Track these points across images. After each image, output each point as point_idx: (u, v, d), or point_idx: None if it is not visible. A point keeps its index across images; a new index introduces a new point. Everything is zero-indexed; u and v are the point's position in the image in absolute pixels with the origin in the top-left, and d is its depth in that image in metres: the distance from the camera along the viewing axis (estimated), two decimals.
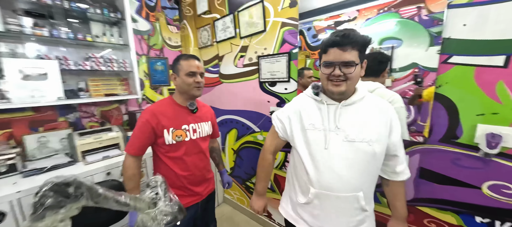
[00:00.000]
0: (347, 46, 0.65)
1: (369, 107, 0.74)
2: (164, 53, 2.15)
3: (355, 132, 0.72)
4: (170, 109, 1.02)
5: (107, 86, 1.66)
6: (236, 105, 1.90)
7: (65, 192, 0.25)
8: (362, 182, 0.74)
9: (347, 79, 0.68)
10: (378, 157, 0.73)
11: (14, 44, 1.32)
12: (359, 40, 0.66)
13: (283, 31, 1.44)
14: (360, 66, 0.69)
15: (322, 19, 1.19)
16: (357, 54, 0.67)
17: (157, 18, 2.07)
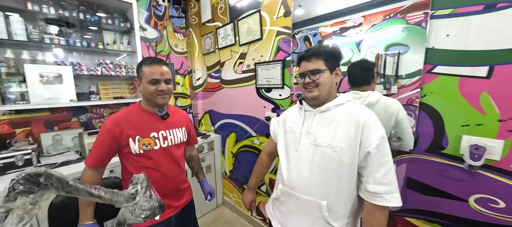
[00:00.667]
0: (311, 58, 0.75)
1: (344, 114, 0.74)
2: (170, 59, 2.28)
3: (323, 137, 0.74)
4: (138, 116, 0.94)
5: (116, 90, 1.79)
6: (235, 110, 1.96)
7: (36, 181, 0.31)
8: (325, 190, 0.73)
9: (318, 85, 0.74)
10: (346, 167, 0.70)
11: (35, 51, 1.48)
12: (322, 51, 0.75)
13: (278, 39, 1.49)
14: (330, 72, 0.75)
15: (327, 25, 1.21)
16: (323, 62, 0.74)
17: (164, 26, 2.20)
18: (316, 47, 0.76)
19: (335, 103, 0.76)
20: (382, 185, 0.66)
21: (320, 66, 0.74)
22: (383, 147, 0.67)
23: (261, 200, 1.83)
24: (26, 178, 0.31)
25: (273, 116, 1.59)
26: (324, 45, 0.79)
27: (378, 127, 0.69)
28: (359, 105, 0.76)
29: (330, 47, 0.77)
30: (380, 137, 0.67)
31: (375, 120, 0.70)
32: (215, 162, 2.17)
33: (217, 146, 2.17)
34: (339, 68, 0.77)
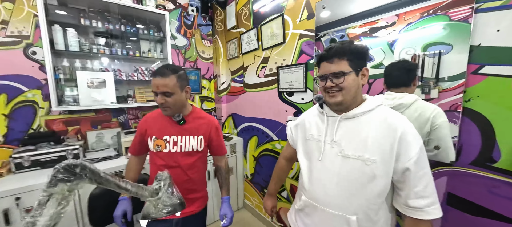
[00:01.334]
0: (333, 58, 0.67)
1: (375, 122, 0.66)
2: (197, 65, 2.41)
3: (352, 147, 0.67)
4: (159, 117, 1.01)
5: (149, 94, 1.96)
6: (257, 113, 1.97)
7: (73, 171, 0.36)
8: (354, 205, 0.67)
9: (341, 89, 0.67)
10: (380, 181, 0.64)
11: (85, 60, 1.71)
12: (346, 49, 0.66)
13: (301, 42, 1.47)
14: (356, 74, 0.67)
15: (356, 26, 1.14)
16: (347, 63, 0.66)
17: (193, 34, 2.35)
18: (339, 45, 0.67)
19: (363, 109, 0.69)
20: (423, 198, 0.61)
21: (344, 68, 0.66)
22: (422, 159, 0.62)
23: (281, 206, 1.79)
24: (65, 168, 0.36)
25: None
26: (348, 42, 0.69)
27: (416, 138, 0.63)
28: (393, 112, 0.68)
29: (355, 45, 0.67)
30: (419, 150, 0.61)
31: (412, 129, 0.64)
32: (237, 165, 2.20)
33: (239, 148, 2.20)
34: (367, 68, 0.69)
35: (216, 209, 2.06)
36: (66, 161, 0.37)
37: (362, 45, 0.69)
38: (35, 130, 1.58)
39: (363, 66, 0.69)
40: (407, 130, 0.63)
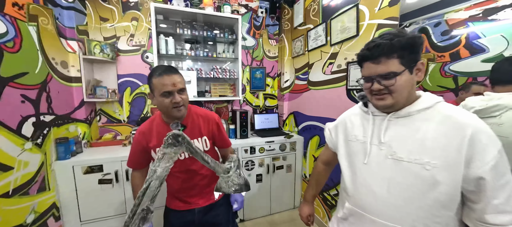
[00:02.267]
0: (380, 58, 0.57)
1: (436, 120, 0.56)
2: (263, 63, 2.54)
3: (406, 149, 0.58)
4: (158, 127, 0.94)
5: (221, 90, 2.23)
6: (320, 112, 1.89)
7: (177, 140, 0.48)
8: (411, 215, 0.57)
9: (392, 92, 0.58)
10: (444, 188, 0.53)
11: (177, 61, 2.13)
12: (395, 45, 0.55)
13: (379, 33, 1.29)
14: (409, 71, 0.57)
15: (460, 9, 0.92)
16: (398, 61, 0.56)
17: (261, 34, 2.49)
18: (386, 40, 0.56)
19: (419, 107, 0.59)
20: (506, 213, 0.49)
21: (394, 68, 0.56)
22: (502, 164, 0.50)
23: None
24: (173, 137, 0.49)
25: None
26: (395, 33, 0.57)
27: (492, 139, 0.51)
28: (460, 109, 0.57)
29: (405, 36, 0.56)
30: (498, 153, 0.50)
31: (487, 129, 0.52)
32: (296, 163, 2.18)
33: (299, 147, 2.17)
34: (422, 61, 0.58)
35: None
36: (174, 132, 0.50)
37: (414, 35, 0.57)
38: (144, 114, 2.11)
39: (417, 60, 0.58)
40: (480, 128, 0.51)
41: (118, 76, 1.96)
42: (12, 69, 1.11)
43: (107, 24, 1.89)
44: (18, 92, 1.14)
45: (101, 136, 1.94)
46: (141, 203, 0.44)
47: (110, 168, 1.54)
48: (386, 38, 0.57)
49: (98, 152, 1.64)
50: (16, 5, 1.14)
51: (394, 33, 0.57)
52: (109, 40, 1.90)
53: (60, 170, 1.43)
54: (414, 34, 0.57)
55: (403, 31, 0.58)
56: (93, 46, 1.72)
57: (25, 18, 1.21)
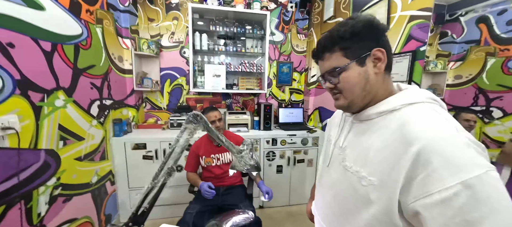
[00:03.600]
0: (324, 54, 0.51)
1: (389, 129, 0.45)
2: (290, 58, 2.57)
3: (352, 158, 0.51)
4: (206, 143, 1.54)
5: (248, 84, 2.36)
6: None
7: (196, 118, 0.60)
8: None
9: (341, 91, 0.51)
10: (374, 212, 0.44)
11: (209, 56, 2.32)
12: (334, 36, 0.48)
13: (411, 26, 1.21)
14: (359, 63, 0.48)
15: None
16: (341, 54, 0.49)
17: (290, 29, 2.51)
18: (327, 32, 0.50)
19: (379, 109, 0.48)
20: None
21: (337, 62, 0.49)
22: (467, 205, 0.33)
23: None
24: (193, 115, 0.61)
25: None
26: (343, 22, 0.49)
27: (454, 165, 0.34)
28: (429, 117, 0.41)
29: (353, 21, 0.47)
30: (458, 186, 0.33)
31: (448, 147, 0.36)
32: (318, 158, 2.18)
33: (322, 142, 2.16)
34: (379, 48, 0.47)
35: None
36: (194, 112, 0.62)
37: (365, 18, 0.47)
38: (180, 103, 2.38)
39: (372, 48, 0.47)
40: (435, 146, 0.36)
41: (160, 69, 2.26)
42: (85, 62, 1.42)
43: (153, 23, 2.18)
44: (88, 80, 1.46)
45: (145, 120, 2.28)
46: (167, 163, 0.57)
47: (151, 147, 1.83)
48: (331, 29, 0.51)
49: (143, 133, 1.95)
50: (88, 11, 1.45)
51: (342, 23, 0.49)
52: (154, 38, 2.20)
53: (115, 144, 1.77)
54: (364, 17, 0.47)
55: (353, 18, 0.49)
56: (142, 43, 2.02)
57: (94, 21, 1.52)
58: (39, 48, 1.07)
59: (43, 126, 1.09)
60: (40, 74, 1.08)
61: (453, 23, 1.04)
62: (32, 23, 1.03)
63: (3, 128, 0.88)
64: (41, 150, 1.08)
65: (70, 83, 1.29)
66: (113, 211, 1.80)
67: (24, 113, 0.99)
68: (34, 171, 1.04)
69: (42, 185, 1.10)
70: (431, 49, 1.12)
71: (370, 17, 0.47)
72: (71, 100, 1.29)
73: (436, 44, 1.11)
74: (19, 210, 0.97)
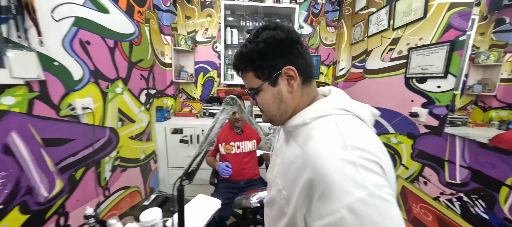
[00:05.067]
0: (240, 71, 0.50)
1: (297, 144, 0.44)
2: (318, 51, 2.55)
3: (278, 169, 0.50)
4: (226, 131, 1.60)
5: None
6: (374, 102, 1.80)
7: (233, 100, 0.73)
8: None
9: (261, 109, 0.51)
10: (286, 224, 0.45)
11: None
12: (243, 55, 0.46)
13: (450, 14, 1.14)
14: (272, 83, 0.46)
15: None
16: (253, 74, 0.47)
17: (318, 22, 2.49)
18: (239, 49, 0.48)
19: (294, 123, 0.47)
20: None
21: (252, 83, 0.48)
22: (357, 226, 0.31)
23: None
24: (230, 98, 0.73)
25: (422, 113, 1.28)
26: (254, 34, 0.46)
27: (341, 187, 0.33)
28: (327, 129, 0.40)
29: (261, 38, 0.44)
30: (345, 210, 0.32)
31: (340, 169, 0.34)
32: None
33: None
34: (290, 67, 0.44)
35: None
36: (231, 95, 0.74)
37: (268, 35, 0.44)
38: (212, 95, 2.58)
39: (282, 66, 0.44)
40: (321, 170, 0.35)
41: (195, 63, 2.48)
42: (136, 57, 1.67)
43: (189, 21, 2.39)
44: (138, 72, 1.71)
45: (181, 109, 2.54)
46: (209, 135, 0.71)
47: (187, 132, 2.06)
48: (244, 44, 0.48)
49: (180, 120, 2.19)
50: (139, 12, 1.69)
51: (254, 34, 0.46)
52: (190, 34, 2.41)
53: (157, 128, 2.03)
54: (274, 32, 0.44)
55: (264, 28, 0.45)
56: (180, 39, 2.25)
57: (143, 20, 1.75)
58: (105, 45, 1.32)
59: (108, 108, 1.35)
60: (106, 66, 1.33)
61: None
62: (101, 24, 1.27)
63: (83, 107, 1.13)
64: (107, 127, 1.34)
65: (126, 74, 1.54)
66: (155, 185, 2.09)
67: (96, 97, 1.24)
68: (102, 144, 1.31)
69: (107, 156, 1.36)
70: (483, 39, 0.99)
71: (274, 34, 0.44)
72: (126, 89, 1.55)
73: (489, 33, 0.97)
74: (93, 173, 1.24)
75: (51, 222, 0.99)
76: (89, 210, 0.86)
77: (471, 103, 1.03)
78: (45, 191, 0.95)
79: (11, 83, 0.80)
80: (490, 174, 0.93)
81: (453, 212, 1.10)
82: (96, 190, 1.28)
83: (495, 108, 0.93)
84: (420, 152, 1.31)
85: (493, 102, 0.94)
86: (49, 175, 0.97)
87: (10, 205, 0.82)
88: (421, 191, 1.30)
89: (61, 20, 1.00)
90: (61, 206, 1.04)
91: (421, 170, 1.30)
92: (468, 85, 1.03)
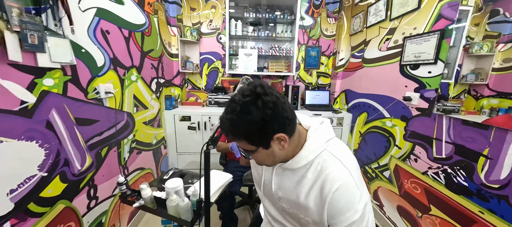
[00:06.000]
0: (234, 138, 0.55)
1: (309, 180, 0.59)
2: (319, 42, 2.65)
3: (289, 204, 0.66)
4: None
5: (277, 67, 2.53)
6: (371, 89, 1.92)
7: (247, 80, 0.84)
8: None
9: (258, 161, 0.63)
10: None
11: (242, 41, 2.54)
12: (235, 133, 0.53)
13: (442, 4, 1.25)
14: (265, 147, 0.55)
15: None
16: (246, 142, 0.55)
17: (319, 13, 2.58)
18: (227, 123, 0.53)
19: (298, 165, 0.59)
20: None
21: (246, 147, 0.56)
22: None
23: (381, 185, 1.74)
24: (245, 78, 0.85)
25: (415, 96, 1.40)
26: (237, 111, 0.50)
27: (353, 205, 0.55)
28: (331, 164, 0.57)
29: (255, 119, 0.49)
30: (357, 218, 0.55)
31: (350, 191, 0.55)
32: (341, 137, 2.30)
33: (346, 122, 2.27)
34: (282, 135, 0.52)
35: None
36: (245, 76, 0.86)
37: (263, 116, 0.49)
38: (216, 85, 2.69)
39: (274, 134, 0.52)
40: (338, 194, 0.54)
41: (200, 54, 2.57)
42: (147, 47, 1.76)
43: (194, 12, 2.47)
44: (149, 62, 1.81)
45: (187, 98, 2.65)
46: None
47: (194, 119, 2.18)
48: (228, 117, 0.52)
49: (187, 108, 2.30)
50: (149, 4, 1.77)
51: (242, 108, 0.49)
52: (195, 25, 2.49)
53: (166, 116, 2.15)
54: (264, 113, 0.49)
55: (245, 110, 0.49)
56: (185, 30, 2.33)
57: (152, 12, 1.84)
58: (122, 35, 1.41)
59: (125, 94, 1.46)
60: (122, 54, 1.43)
61: (507, 0, 0.91)
62: (118, 14, 1.36)
63: (106, 92, 1.24)
64: (125, 112, 1.46)
65: (139, 63, 1.64)
66: (165, 169, 2.23)
67: (115, 83, 1.35)
68: (121, 126, 1.42)
69: (125, 138, 1.48)
70: (478, 29, 1.03)
71: (263, 114, 0.49)
72: (140, 77, 1.65)
73: (484, 24, 1.01)
74: (115, 152, 1.36)
75: (83, 192, 1.12)
76: (121, 178, 0.99)
77: (464, 92, 1.09)
78: (78, 164, 1.07)
79: (50, 66, 0.90)
80: (471, 147, 1.06)
81: (438, 183, 1.23)
82: (119, 168, 1.40)
83: (486, 96, 0.99)
84: (412, 133, 1.44)
85: (485, 90, 0.99)
86: (81, 151, 1.09)
87: (53, 173, 0.94)
88: (411, 168, 1.43)
89: (86, 11, 1.10)
90: (90, 179, 1.16)
91: (412, 149, 1.43)
92: (462, 75, 1.09)
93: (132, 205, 0.97)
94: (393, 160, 1.60)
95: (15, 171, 0.79)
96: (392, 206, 1.62)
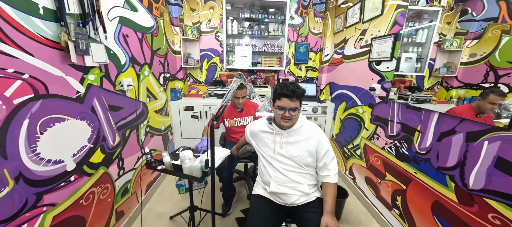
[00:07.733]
0: (294, 98, 1.01)
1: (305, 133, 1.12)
2: (307, 39, 2.94)
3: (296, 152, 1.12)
4: (229, 110, 1.91)
5: (269, 62, 2.83)
6: (349, 82, 2.24)
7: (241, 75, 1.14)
8: None
9: (292, 118, 1.05)
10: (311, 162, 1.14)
11: (238, 39, 2.83)
12: (300, 94, 1.02)
13: (396, 13, 1.55)
14: (299, 110, 1.05)
15: None
16: (298, 102, 1.03)
17: (307, 13, 2.86)
18: (296, 88, 1.00)
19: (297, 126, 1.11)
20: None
21: (297, 105, 1.02)
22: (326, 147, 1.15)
23: (354, 161, 2.09)
24: (239, 73, 1.15)
25: (377, 87, 1.73)
26: (298, 85, 1.03)
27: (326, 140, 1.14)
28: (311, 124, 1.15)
29: (300, 88, 1.02)
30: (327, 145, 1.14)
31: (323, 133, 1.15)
32: (326, 124, 2.64)
33: (330, 110, 2.60)
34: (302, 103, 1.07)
35: None
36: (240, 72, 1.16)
37: (304, 90, 1.05)
38: (215, 78, 2.98)
39: (301, 103, 1.05)
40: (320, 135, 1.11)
41: (200, 50, 2.85)
42: (156, 46, 2.05)
43: (194, 13, 2.73)
44: (158, 59, 2.10)
45: (190, 91, 2.94)
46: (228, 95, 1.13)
47: (197, 109, 2.49)
48: (295, 86, 1.01)
49: (190, 99, 2.61)
50: (156, 8, 2.04)
51: (297, 85, 1.02)
52: (195, 25, 2.76)
53: (172, 106, 2.45)
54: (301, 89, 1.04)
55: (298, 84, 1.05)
56: (187, 29, 2.60)
57: (159, 14, 2.11)
58: (136, 37, 1.70)
59: (141, 87, 1.76)
60: (138, 54, 1.72)
61: (474, 1, 1.01)
62: (134, 20, 1.64)
63: (128, 85, 1.54)
64: (141, 101, 1.76)
65: (150, 60, 1.93)
66: None
67: (133, 78, 1.65)
68: (138, 113, 1.73)
69: (142, 123, 1.80)
70: (450, 27, 1.13)
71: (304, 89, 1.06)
72: (151, 72, 1.95)
73: (455, 23, 1.11)
74: (135, 134, 1.68)
75: (115, 163, 1.44)
76: (147, 149, 1.30)
77: (437, 83, 1.22)
78: (111, 140, 1.38)
79: (92, 65, 1.20)
80: (411, 124, 1.40)
81: (391, 155, 1.58)
82: (139, 146, 1.72)
83: (455, 87, 1.11)
84: (375, 117, 1.77)
85: (454, 82, 1.11)
86: (113, 130, 1.40)
87: (96, 145, 1.25)
88: (375, 145, 1.78)
89: (112, 20, 1.39)
90: (119, 153, 1.48)
91: (375, 130, 1.77)
92: (435, 68, 1.23)
93: (155, 170, 1.29)
94: (363, 140, 1.95)
95: (75, 141, 1.11)
96: (361, 177, 1.98)
